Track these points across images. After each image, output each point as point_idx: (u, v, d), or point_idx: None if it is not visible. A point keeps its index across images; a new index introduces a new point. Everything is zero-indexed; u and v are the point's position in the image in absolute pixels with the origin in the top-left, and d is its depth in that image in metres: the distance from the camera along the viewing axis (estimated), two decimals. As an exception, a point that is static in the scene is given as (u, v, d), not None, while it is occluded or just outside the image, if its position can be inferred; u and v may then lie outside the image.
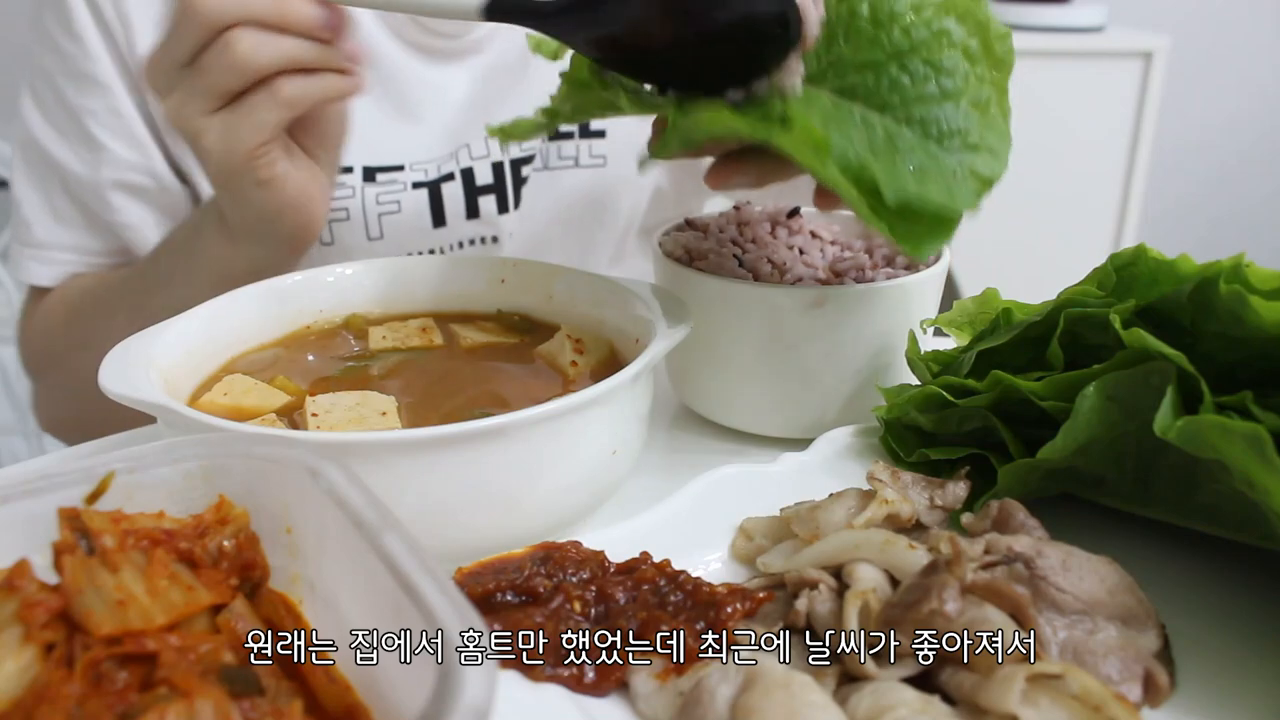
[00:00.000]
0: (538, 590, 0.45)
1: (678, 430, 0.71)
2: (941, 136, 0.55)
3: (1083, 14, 2.34)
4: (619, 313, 0.64)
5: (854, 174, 0.53)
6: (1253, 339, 0.46)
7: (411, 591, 0.31)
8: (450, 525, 0.50)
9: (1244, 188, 2.88)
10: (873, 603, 0.43)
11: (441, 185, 0.93)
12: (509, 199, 0.96)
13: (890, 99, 0.56)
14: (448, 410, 0.58)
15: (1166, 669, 0.43)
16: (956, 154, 0.55)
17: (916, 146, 0.55)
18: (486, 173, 0.95)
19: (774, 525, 0.52)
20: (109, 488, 0.39)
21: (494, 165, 0.95)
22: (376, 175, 0.91)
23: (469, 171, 0.94)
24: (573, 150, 0.98)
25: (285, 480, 0.39)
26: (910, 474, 0.54)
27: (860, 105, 0.57)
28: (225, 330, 0.63)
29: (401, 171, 0.92)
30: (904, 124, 0.56)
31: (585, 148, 0.98)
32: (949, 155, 0.55)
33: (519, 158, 0.95)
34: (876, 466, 0.53)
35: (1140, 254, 0.52)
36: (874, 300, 0.63)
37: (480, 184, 0.95)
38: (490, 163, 0.95)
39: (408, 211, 0.92)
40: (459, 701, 0.27)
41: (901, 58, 0.56)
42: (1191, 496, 0.50)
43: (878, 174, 0.53)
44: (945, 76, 0.56)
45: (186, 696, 0.32)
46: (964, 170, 0.55)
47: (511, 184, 0.96)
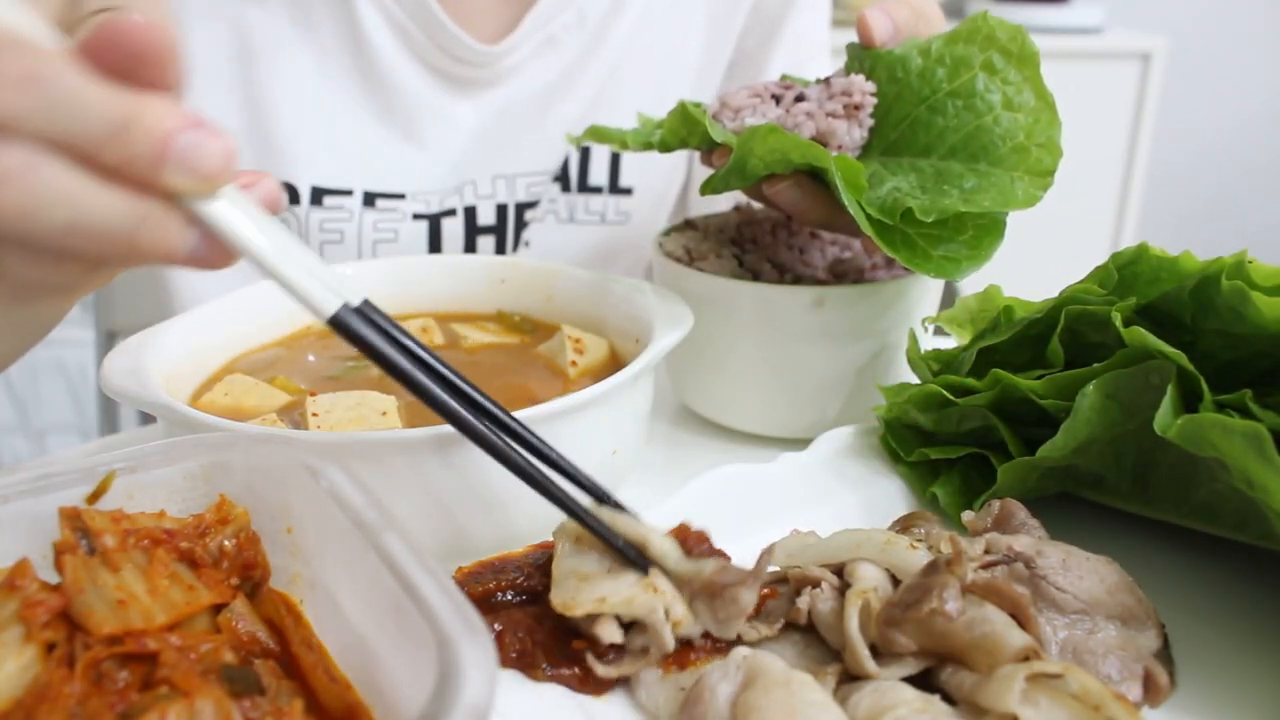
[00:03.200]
0: (539, 590, 0.45)
1: (678, 430, 0.71)
2: (989, 153, 0.58)
3: (1081, 15, 2.34)
4: (619, 313, 0.64)
5: (888, 207, 0.57)
6: (1254, 336, 0.46)
7: (411, 591, 0.31)
8: (450, 525, 0.50)
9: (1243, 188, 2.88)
10: (874, 602, 0.43)
11: (442, 220, 0.90)
12: (509, 242, 0.93)
13: (930, 141, 0.60)
14: (448, 410, 0.58)
15: (1166, 668, 0.43)
16: (1009, 160, 0.58)
17: (966, 173, 0.58)
18: (489, 213, 0.91)
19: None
20: (110, 487, 0.39)
21: (498, 207, 0.91)
22: (377, 201, 0.88)
23: (472, 210, 0.91)
24: (600, 206, 0.95)
25: (285, 480, 0.39)
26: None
27: (908, 156, 0.61)
28: (226, 330, 0.63)
29: (403, 200, 0.89)
30: (950, 158, 0.59)
31: (613, 204, 0.95)
32: (1000, 168, 0.58)
33: (524, 202, 0.92)
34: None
35: (1142, 252, 0.53)
36: (874, 300, 0.63)
37: (482, 224, 0.91)
38: (495, 204, 0.91)
39: (404, 242, 0.89)
40: (459, 701, 0.27)
41: (927, 101, 0.60)
42: (1191, 495, 0.50)
43: (911, 201, 0.56)
44: (974, 99, 0.59)
45: (187, 696, 0.32)
46: (1019, 173, 0.57)
47: (513, 227, 0.93)
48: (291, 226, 0.88)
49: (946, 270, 0.56)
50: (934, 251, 0.56)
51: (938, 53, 0.60)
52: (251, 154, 0.87)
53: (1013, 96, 0.58)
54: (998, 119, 0.58)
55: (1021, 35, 0.59)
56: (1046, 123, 0.58)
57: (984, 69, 0.59)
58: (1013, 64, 0.59)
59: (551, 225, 0.94)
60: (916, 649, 0.41)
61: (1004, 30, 0.59)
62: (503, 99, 0.90)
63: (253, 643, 0.37)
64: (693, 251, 0.68)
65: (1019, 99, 0.58)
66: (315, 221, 0.87)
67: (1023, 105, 0.58)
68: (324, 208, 0.87)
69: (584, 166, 0.94)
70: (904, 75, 0.61)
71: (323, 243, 0.88)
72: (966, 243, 0.57)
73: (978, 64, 0.59)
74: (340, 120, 0.86)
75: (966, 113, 0.59)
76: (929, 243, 0.57)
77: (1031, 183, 0.57)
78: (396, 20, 0.84)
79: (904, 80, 0.61)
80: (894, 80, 0.61)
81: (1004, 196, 0.56)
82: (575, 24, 0.88)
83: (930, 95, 0.60)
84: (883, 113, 0.62)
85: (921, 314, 0.66)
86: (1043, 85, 0.59)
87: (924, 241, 0.57)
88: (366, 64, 0.85)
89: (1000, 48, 0.59)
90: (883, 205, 0.57)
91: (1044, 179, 0.57)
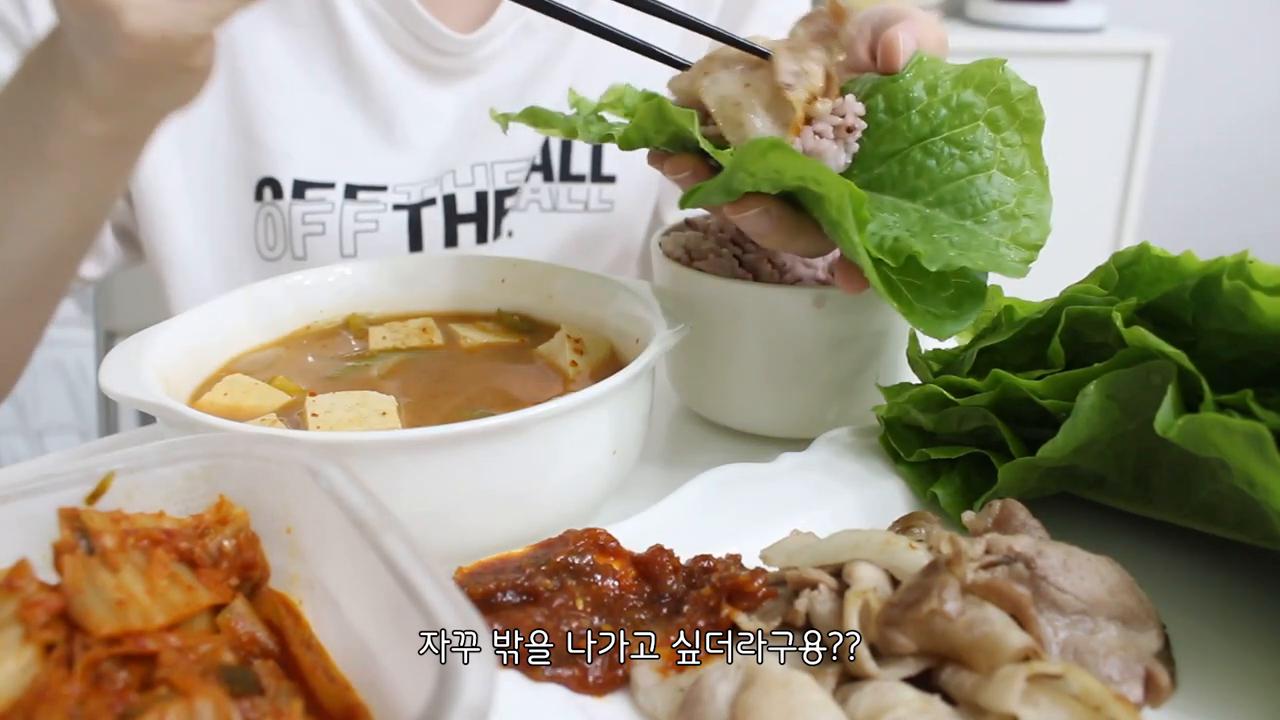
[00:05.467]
0: (539, 590, 0.45)
1: (678, 430, 0.71)
2: (977, 213, 0.55)
3: (1082, 14, 2.34)
4: (619, 313, 0.64)
5: (888, 248, 0.53)
6: (1255, 336, 0.46)
7: (411, 591, 0.31)
8: (450, 525, 0.50)
9: (1243, 188, 2.88)
10: (873, 602, 0.43)
11: (422, 210, 0.91)
12: (489, 230, 0.93)
13: (918, 184, 0.56)
14: (448, 410, 0.58)
15: (1167, 669, 0.43)
16: (995, 225, 0.55)
17: (953, 226, 0.55)
18: (469, 201, 0.92)
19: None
20: (109, 488, 0.39)
21: (477, 194, 0.92)
22: (358, 193, 0.89)
23: (451, 198, 0.91)
24: (583, 194, 0.95)
25: (285, 480, 0.39)
26: (802, 31, 0.57)
27: (890, 195, 0.57)
28: (225, 330, 0.63)
29: (384, 192, 0.89)
30: (937, 207, 0.56)
31: (596, 192, 0.95)
32: (987, 229, 0.55)
33: (504, 189, 0.93)
34: (780, 56, 0.55)
35: (1143, 251, 0.52)
36: (874, 300, 0.63)
37: (461, 212, 0.92)
38: (474, 191, 0.92)
39: (385, 232, 0.90)
40: (459, 701, 0.27)
41: (923, 141, 0.56)
42: (1192, 496, 0.50)
43: (916, 246, 0.52)
44: (972, 152, 0.56)
45: (186, 696, 0.32)
46: (1005, 240, 0.54)
47: (494, 215, 0.93)
48: (274, 219, 0.88)
49: (932, 327, 0.53)
50: (917, 304, 0.53)
51: (945, 93, 0.57)
52: (233, 148, 0.87)
53: (1009, 159, 0.56)
54: (991, 179, 0.55)
55: (1033, 99, 0.56)
56: (1038, 195, 0.55)
57: (987, 122, 0.56)
58: (1016, 127, 0.56)
59: (535, 214, 0.95)
60: (916, 649, 0.41)
61: (1019, 88, 0.56)
62: (481, 87, 0.91)
63: (252, 643, 0.37)
64: (693, 251, 0.68)
65: (1014, 163, 0.56)
66: (297, 214, 0.87)
67: (1017, 172, 0.55)
68: (306, 200, 0.87)
69: (565, 155, 0.94)
70: (904, 110, 0.57)
71: (305, 235, 0.89)
72: (948, 300, 0.54)
73: (982, 115, 0.56)
74: (320, 113, 0.87)
75: (960, 163, 0.56)
76: (913, 293, 0.54)
77: (1018, 253, 0.54)
78: (373, 12, 0.86)
79: (903, 114, 0.57)
80: (893, 111, 0.58)
81: (994, 260, 0.53)
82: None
83: (928, 135, 0.56)
84: (871, 143, 0.58)
85: (922, 314, 0.65)
86: (1040, 156, 0.56)
87: (909, 290, 0.54)
88: (345, 56, 0.87)
89: (1009, 105, 0.56)
90: (881, 245, 0.53)
91: (1030, 252, 0.54)
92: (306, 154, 0.87)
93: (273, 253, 0.90)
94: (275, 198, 0.88)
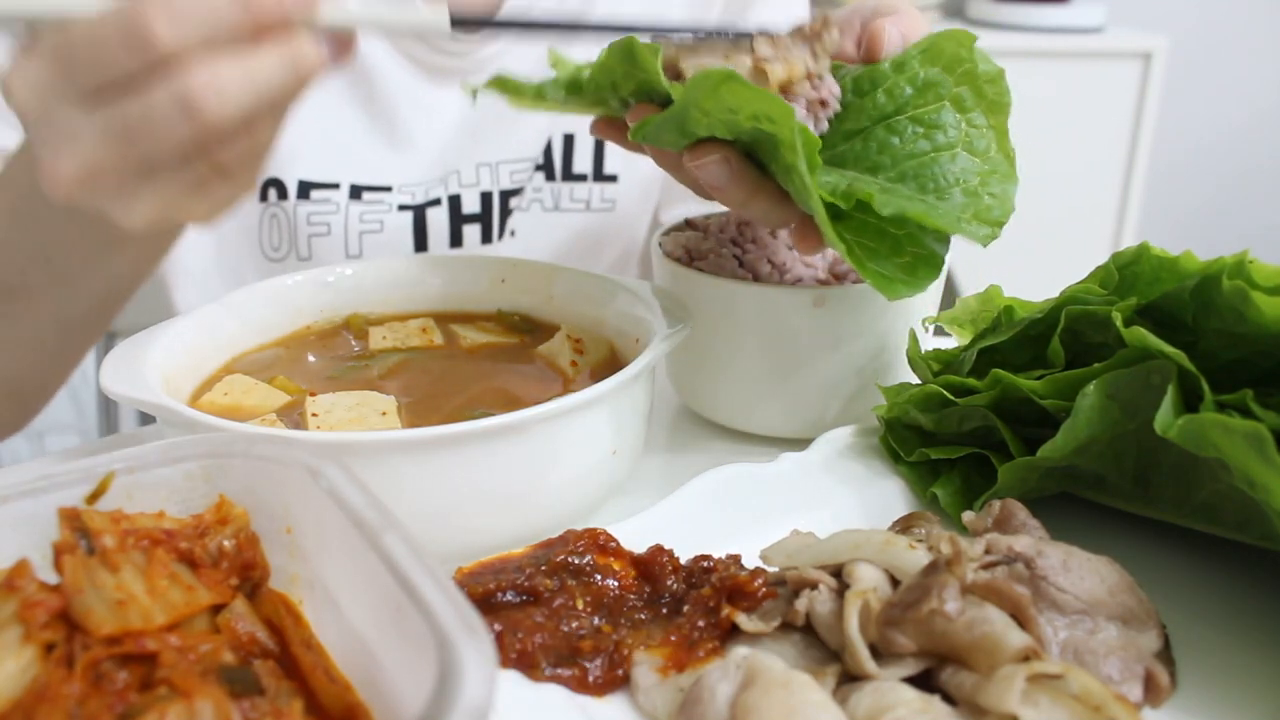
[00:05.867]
0: (539, 590, 0.45)
1: (678, 430, 0.71)
2: (939, 190, 0.54)
3: (1082, 14, 2.34)
4: (619, 313, 0.64)
5: (841, 192, 0.52)
6: (1254, 336, 0.46)
7: (411, 591, 0.31)
8: (450, 525, 0.50)
9: (1243, 188, 2.88)
10: (873, 602, 0.43)
11: (427, 210, 0.91)
12: (494, 230, 0.93)
13: (880, 160, 0.55)
14: (448, 410, 0.58)
15: (1167, 669, 0.43)
16: (958, 201, 0.54)
17: (913, 199, 0.54)
18: (474, 201, 0.92)
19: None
20: (109, 488, 0.39)
21: (482, 195, 0.92)
22: (363, 194, 0.89)
23: (456, 199, 0.91)
24: (585, 194, 0.95)
25: (285, 480, 0.39)
26: (788, 37, 0.54)
27: (854, 170, 0.55)
28: (225, 330, 0.63)
29: (389, 193, 0.89)
30: (899, 182, 0.55)
31: (598, 191, 0.95)
32: (949, 204, 0.54)
33: (508, 189, 0.93)
34: (759, 41, 0.53)
35: (1143, 251, 0.52)
36: (874, 300, 0.63)
37: (466, 212, 0.92)
38: (479, 192, 0.92)
39: (390, 233, 0.90)
40: (459, 701, 0.27)
41: (887, 120, 0.56)
42: (1192, 496, 0.50)
43: (870, 189, 0.51)
44: (936, 131, 0.55)
45: (186, 696, 0.32)
46: (967, 216, 0.54)
47: (499, 215, 0.93)
48: (279, 220, 0.88)
49: (883, 285, 0.52)
50: (868, 263, 0.52)
51: (911, 71, 0.56)
52: None
53: (975, 141, 0.55)
54: (955, 157, 0.55)
55: (1000, 81, 0.55)
56: (1003, 176, 0.55)
57: (953, 102, 0.55)
58: (982, 108, 0.55)
59: (537, 214, 0.95)
60: (916, 649, 0.41)
61: (986, 68, 0.55)
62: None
63: (252, 643, 0.37)
64: (693, 251, 0.68)
65: (980, 144, 0.55)
66: (302, 215, 0.87)
67: (983, 154, 0.55)
68: (311, 201, 0.87)
69: (568, 154, 0.94)
70: (870, 88, 0.56)
71: (310, 236, 0.89)
72: (903, 267, 0.53)
73: (947, 95, 0.55)
74: (324, 113, 0.87)
75: (924, 141, 0.55)
76: (865, 253, 0.53)
77: (980, 228, 0.53)
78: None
79: (869, 93, 0.56)
80: (858, 91, 0.57)
81: (955, 224, 0.53)
82: (555, 5, 0.88)
83: (892, 114, 0.56)
84: (837, 121, 0.57)
85: (922, 314, 0.66)
86: (1007, 139, 0.55)
87: (861, 250, 0.53)
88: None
89: (975, 86, 0.55)
90: (835, 189, 0.51)
91: (993, 228, 0.53)
92: (311, 155, 0.87)
93: (277, 253, 0.90)
94: (280, 198, 0.87)
